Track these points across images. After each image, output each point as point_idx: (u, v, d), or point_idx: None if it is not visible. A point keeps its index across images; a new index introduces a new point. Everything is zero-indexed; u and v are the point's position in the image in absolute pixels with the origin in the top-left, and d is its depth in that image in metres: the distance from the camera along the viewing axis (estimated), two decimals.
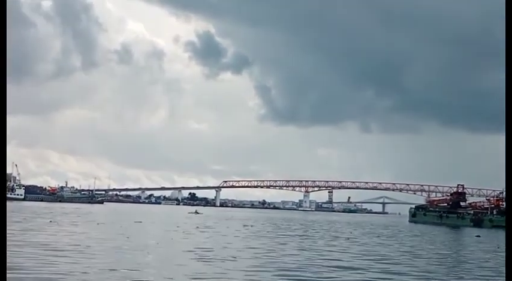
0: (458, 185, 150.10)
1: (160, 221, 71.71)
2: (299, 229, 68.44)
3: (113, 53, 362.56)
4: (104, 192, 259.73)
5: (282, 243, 41.14)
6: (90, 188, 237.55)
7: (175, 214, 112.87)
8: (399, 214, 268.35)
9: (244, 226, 70.40)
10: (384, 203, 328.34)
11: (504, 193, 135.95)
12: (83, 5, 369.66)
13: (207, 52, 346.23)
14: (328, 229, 74.86)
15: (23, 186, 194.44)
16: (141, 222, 66.21)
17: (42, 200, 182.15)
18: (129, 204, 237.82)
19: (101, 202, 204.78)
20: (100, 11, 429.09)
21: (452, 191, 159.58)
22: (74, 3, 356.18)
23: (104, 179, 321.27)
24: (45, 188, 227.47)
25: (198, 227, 60.62)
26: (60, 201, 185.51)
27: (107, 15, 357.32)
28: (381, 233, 68.90)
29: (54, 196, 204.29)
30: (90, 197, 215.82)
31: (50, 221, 57.36)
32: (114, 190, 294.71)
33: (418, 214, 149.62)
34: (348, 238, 52.35)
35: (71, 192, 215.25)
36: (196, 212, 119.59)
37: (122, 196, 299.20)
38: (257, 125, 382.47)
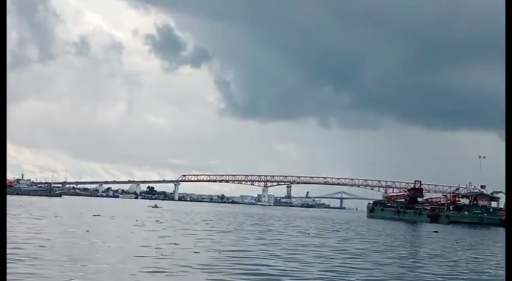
0: (415, 181, 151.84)
1: (119, 215, 70.89)
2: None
3: (71, 45, 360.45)
4: (61, 185, 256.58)
5: (244, 238, 41.23)
6: (47, 181, 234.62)
7: (134, 208, 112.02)
8: (356, 209, 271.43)
9: (204, 220, 70.39)
10: (341, 199, 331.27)
11: (460, 190, 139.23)
12: None
13: (166, 45, 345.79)
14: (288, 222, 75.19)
15: None
16: (99, 216, 65.46)
17: None
18: (86, 197, 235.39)
19: (59, 195, 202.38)
20: (57, 2, 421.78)
21: (409, 187, 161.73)
22: None
23: (60, 172, 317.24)
24: None
25: (158, 221, 60.57)
26: (17, 194, 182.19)
27: (64, 7, 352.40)
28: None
29: (11, 188, 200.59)
30: (48, 190, 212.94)
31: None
32: (71, 183, 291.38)
33: (376, 209, 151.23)
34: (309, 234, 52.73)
35: (28, 185, 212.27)
36: (156, 206, 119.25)
37: (79, 189, 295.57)
38: (216, 119, 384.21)
